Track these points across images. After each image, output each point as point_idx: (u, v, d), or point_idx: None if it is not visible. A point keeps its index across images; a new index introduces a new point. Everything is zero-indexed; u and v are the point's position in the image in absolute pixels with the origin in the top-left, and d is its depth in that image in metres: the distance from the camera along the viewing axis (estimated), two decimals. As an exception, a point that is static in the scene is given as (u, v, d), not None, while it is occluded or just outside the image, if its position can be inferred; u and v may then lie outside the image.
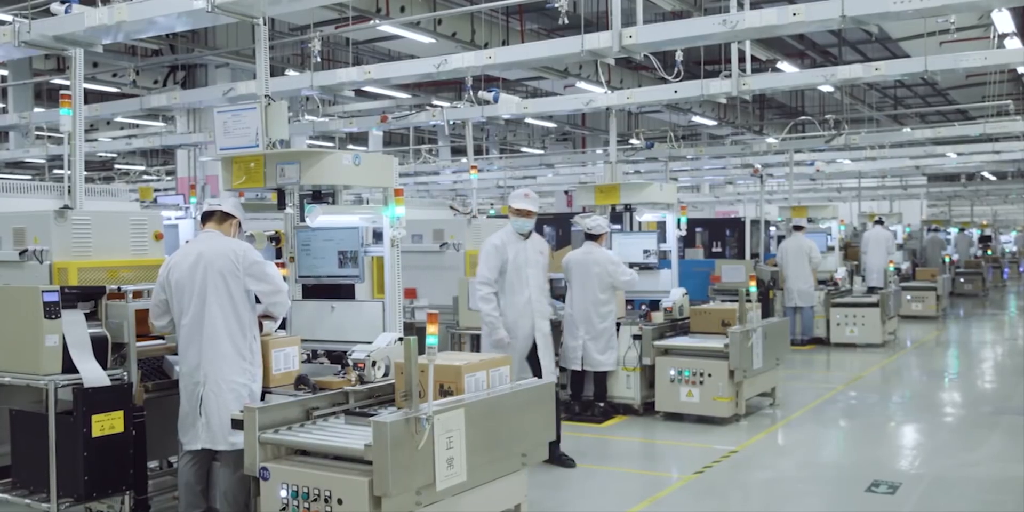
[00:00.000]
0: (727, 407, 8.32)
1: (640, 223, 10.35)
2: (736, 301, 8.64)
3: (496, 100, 10.84)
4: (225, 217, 5.33)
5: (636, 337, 8.63)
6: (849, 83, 12.32)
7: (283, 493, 4.35)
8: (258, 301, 5.24)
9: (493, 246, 7.07)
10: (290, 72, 14.29)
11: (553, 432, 5.35)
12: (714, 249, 17.86)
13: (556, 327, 8.11)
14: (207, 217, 5.37)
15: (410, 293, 7.93)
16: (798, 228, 13.85)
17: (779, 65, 14.00)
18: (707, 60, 14.32)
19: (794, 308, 13.48)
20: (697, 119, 19.47)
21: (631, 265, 8.85)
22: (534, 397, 5.21)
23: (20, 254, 5.65)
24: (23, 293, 5.07)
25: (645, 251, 9.45)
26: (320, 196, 5.59)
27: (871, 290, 14.76)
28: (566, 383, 8.66)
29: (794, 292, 13.41)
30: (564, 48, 7.91)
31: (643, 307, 9.34)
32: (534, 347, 7.18)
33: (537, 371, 7.04)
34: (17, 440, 5.22)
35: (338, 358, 5.54)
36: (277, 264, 5.80)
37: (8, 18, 6.92)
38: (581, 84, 14.97)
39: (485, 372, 5.08)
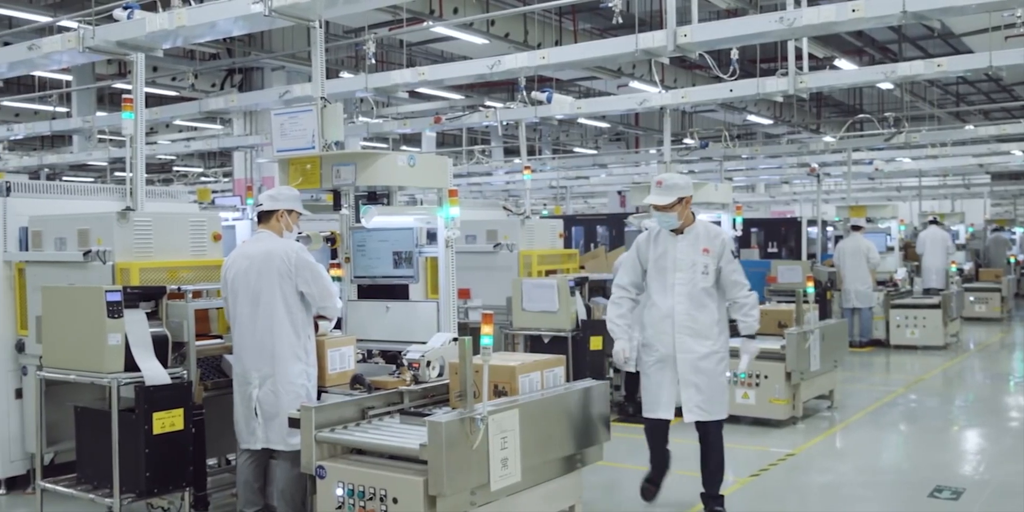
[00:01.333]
0: (784, 409, 8.21)
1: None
2: (792, 302, 8.53)
3: (550, 100, 10.82)
4: (270, 214, 5.37)
5: (691, 338, 8.53)
6: (909, 80, 12.04)
7: (339, 491, 4.38)
8: None
9: (635, 244, 6.00)
10: (344, 74, 14.44)
11: (609, 434, 5.32)
12: (769, 249, 17.65)
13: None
14: (259, 218, 5.44)
15: (464, 293, 7.95)
16: (856, 228, 13.63)
17: (837, 62, 13.78)
18: (763, 58, 14.16)
19: (852, 309, 13.27)
20: (752, 118, 19.25)
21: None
22: (589, 398, 5.19)
23: (84, 255, 5.77)
24: (87, 293, 5.19)
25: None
26: (375, 197, 5.63)
27: (927, 291, 14.46)
28: (620, 384, 8.61)
29: (852, 293, 13.20)
30: (618, 48, 7.87)
31: (698, 308, 9.25)
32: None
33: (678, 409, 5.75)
34: (82, 436, 5.35)
35: (393, 358, 5.57)
36: (333, 265, 5.87)
37: (73, 25, 7.07)
38: (634, 84, 14.90)
39: (539, 372, 5.07)
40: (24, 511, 6.04)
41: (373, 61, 9.24)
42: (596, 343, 8.02)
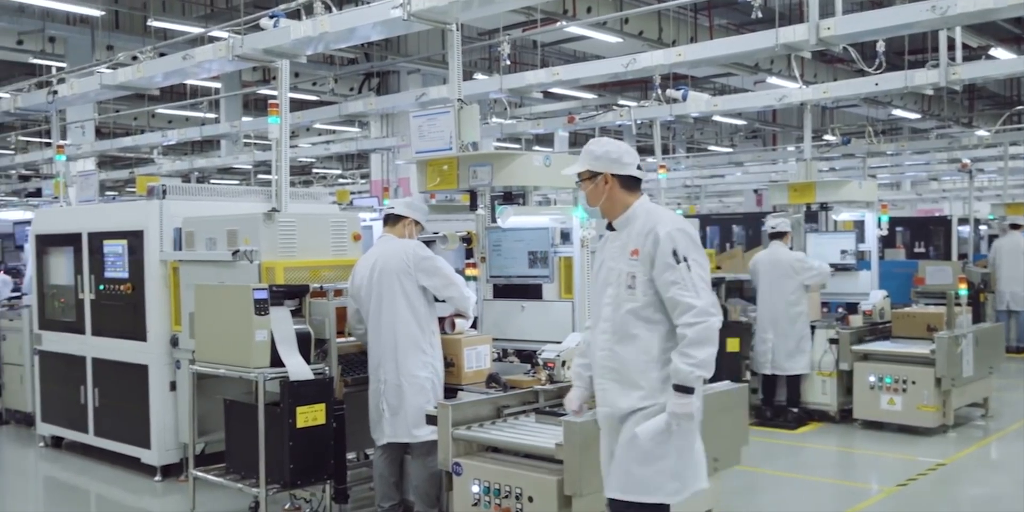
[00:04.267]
0: (933, 417, 7.83)
1: (836, 222, 9.94)
2: (942, 304, 8.14)
3: (685, 98, 10.65)
4: (398, 219, 5.50)
5: (832, 341, 8.28)
6: (1073, 69, 11.31)
7: (475, 488, 4.42)
8: (439, 299, 5.37)
9: None
10: (479, 76, 14.60)
11: (746, 437, 5.19)
12: (916, 249, 16.91)
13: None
14: (386, 220, 5.56)
15: (598, 294, 7.90)
16: (1015, 227, 12.90)
17: (992, 52, 13.06)
18: (911, 49, 13.56)
19: (1008, 312, 12.54)
20: (898, 112, 18.46)
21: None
22: (725, 401, 5.08)
23: (233, 254, 6.01)
24: (236, 291, 5.41)
25: (842, 251, 9.04)
26: (511, 197, 5.67)
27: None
28: (757, 387, 8.41)
29: (1007, 295, 12.49)
30: (758, 43, 7.67)
31: (840, 310, 8.97)
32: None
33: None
34: (230, 428, 5.58)
35: (527, 357, 5.59)
36: (469, 264, 5.93)
37: (223, 35, 7.38)
38: (772, 79, 14.51)
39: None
40: (178, 497, 6.34)
41: (508, 62, 9.31)
42: (732, 345, 7.85)
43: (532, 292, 6.14)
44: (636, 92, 18.30)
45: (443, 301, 5.40)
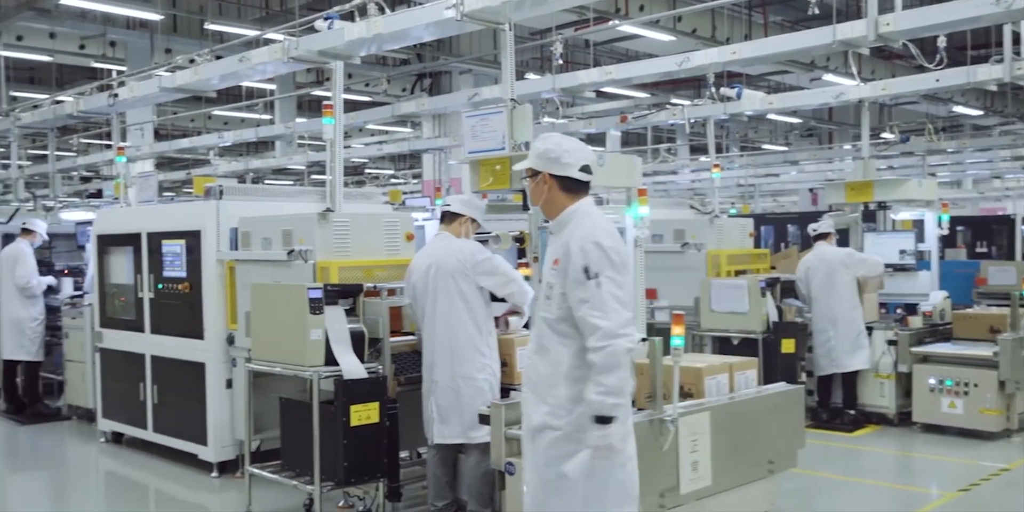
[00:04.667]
0: (996, 421, 7.65)
1: (894, 222, 9.76)
2: (1005, 305, 7.96)
3: (739, 96, 10.52)
4: (455, 217, 5.50)
5: (891, 342, 8.16)
6: None
7: (527, 488, 4.40)
8: (495, 299, 5.36)
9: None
10: (530, 75, 14.59)
11: (803, 440, 5.12)
12: (978, 249, 16.50)
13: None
14: (443, 217, 5.57)
15: (650, 293, 7.86)
16: (1080, 226, 12.56)
17: (1058, 46, 12.69)
18: (974, 44, 13.25)
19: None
20: (959, 109, 18.06)
21: (885, 266, 8.47)
22: (782, 403, 5.01)
23: (288, 254, 6.08)
24: (292, 290, 5.47)
25: (901, 251, 8.89)
26: (563, 196, 5.63)
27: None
28: (812, 389, 8.30)
29: (1074, 296, 12.14)
30: (814, 40, 7.54)
31: (898, 310, 8.81)
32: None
33: None
34: (285, 426, 5.64)
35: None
36: (521, 264, 5.93)
37: (278, 37, 7.46)
38: (828, 76, 14.28)
39: (727, 375, 4.94)
40: (234, 494, 6.42)
41: (560, 61, 9.28)
42: (788, 346, 7.74)
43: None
44: (688, 90, 18.14)
45: (501, 300, 5.38)
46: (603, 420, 3.38)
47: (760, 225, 16.97)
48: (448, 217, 5.52)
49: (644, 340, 5.06)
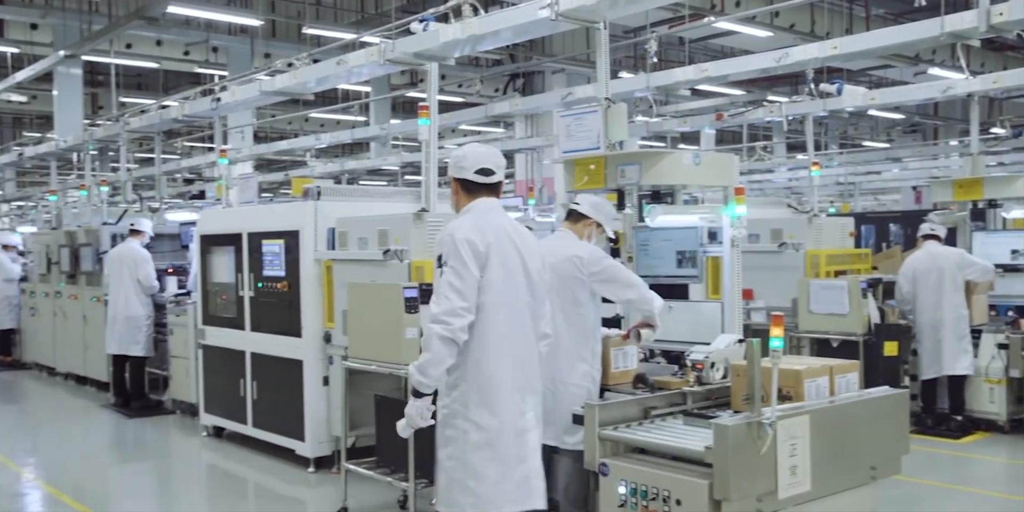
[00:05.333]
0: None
1: (1004, 220, 9.38)
2: None
3: (840, 92, 10.24)
4: (580, 217, 5.29)
5: (1002, 346, 7.83)
6: None
7: (622, 490, 4.36)
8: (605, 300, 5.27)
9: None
10: (624, 74, 14.50)
11: (907, 446, 4.94)
12: (1097, 249, 15.74)
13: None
14: (569, 215, 5.41)
15: (747, 294, 7.70)
16: None
17: None
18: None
19: None
20: (1074, 102, 17.27)
21: (996, 266, 8.16)
22: (885, 407, 4.85)
23: (384, 253, 6.16)
24: (387, 290, 5.54)
25: (1013, 251, 8.56)
26: (659, 196, 5.58)
27: None
28: (916, 393, 8.03)
29: None
30: (921, 32, 7.28)
31: (1009, 313, 8.47)
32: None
33: None
34: (380, 423, 5.72)
35: (674, 358, 5.48)
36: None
37: (375, 40, 7.56)
38: (934, 70, 13.81)
39: (827, 378, 4.80)
40: (330, 489, 6.54)
41: (655, 60, 9.18)
42: (891, 348, 7.51)
43: (678, 292, 6.03)
44: (785, 87, 17.79)
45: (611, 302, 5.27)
46: (414, 393, 3.90)
47: (861, 224, 16.51)
48: (573, 215, 5.32)
49: (741, 341, 4.99)
